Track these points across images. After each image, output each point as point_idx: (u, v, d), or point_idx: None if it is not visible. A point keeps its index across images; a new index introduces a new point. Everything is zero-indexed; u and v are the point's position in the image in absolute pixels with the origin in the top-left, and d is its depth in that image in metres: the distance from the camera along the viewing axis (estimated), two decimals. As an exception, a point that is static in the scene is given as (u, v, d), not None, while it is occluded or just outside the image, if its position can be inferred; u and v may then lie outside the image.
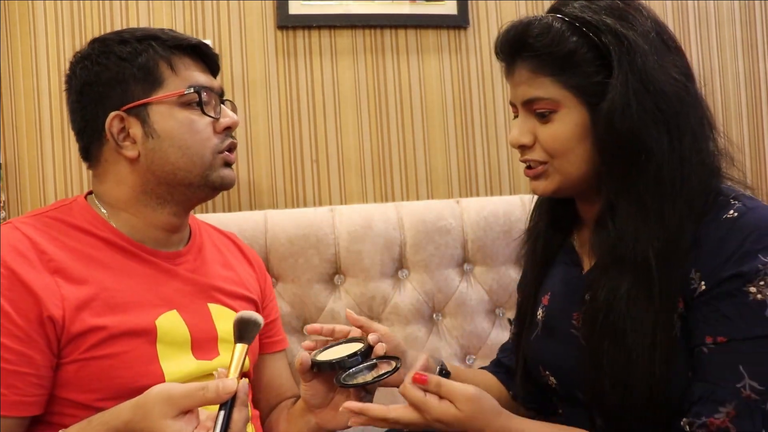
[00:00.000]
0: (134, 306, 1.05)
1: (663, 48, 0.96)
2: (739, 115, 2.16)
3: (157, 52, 1.10)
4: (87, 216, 1.10)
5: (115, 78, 1.08)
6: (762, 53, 2.18)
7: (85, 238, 1.07)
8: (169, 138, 1.09)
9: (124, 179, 1.11)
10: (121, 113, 1.08)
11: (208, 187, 1.13)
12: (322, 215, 1.64)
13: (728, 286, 0.89)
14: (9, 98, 1.65)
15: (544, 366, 1.10)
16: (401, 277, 1.66)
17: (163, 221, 1.13)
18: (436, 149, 1.86)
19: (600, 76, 0.94)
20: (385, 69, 1.83)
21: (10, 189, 1.66)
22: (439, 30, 1.86)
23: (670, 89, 0.93)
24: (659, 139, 0.93)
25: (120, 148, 1.09)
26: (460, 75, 1.88)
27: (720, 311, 0.90)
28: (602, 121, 0.93)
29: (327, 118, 1.80)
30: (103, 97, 1.09)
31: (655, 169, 0.93)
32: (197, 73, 1.13)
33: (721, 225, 0.92)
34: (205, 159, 1.11)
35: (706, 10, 2.12)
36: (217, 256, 1.25)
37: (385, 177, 1.83)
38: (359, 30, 1.82)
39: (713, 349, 0.90)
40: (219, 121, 1.13)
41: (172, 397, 0.82)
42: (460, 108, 1.88)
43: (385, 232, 1.64)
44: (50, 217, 1.08)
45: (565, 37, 0.95)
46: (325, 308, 1.61)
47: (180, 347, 1.08)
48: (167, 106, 1.09)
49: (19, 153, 1.66)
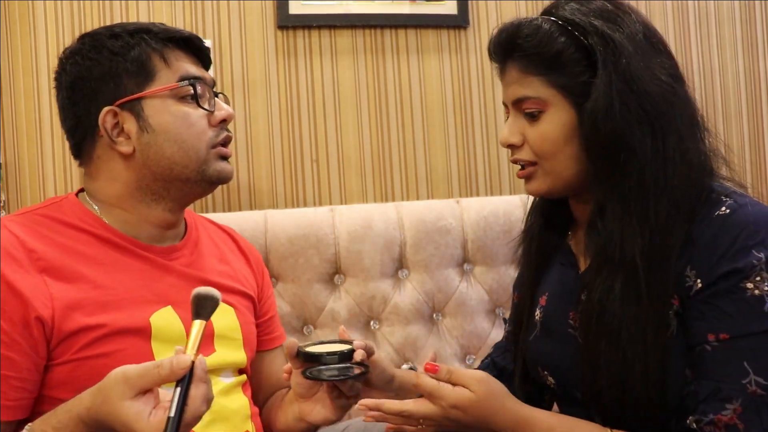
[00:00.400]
0: (128, 303, 1.03)
1: (650, 50, 0.97)
2: (739, 115, 2.16)
3: (149, 45, 1.08)
4: (78, 212, 1.08)
5: (107, 73, 1.06)
6: (762, 52, 2.18)
7: (76, 234, 1.05)
8: (164, 132, 1.07)
9: (118, 176, 1.09)
10: (115, 108, 1.06)
11: (205, 182, 1.11)
12: (322, 215, 1.64)
13: (725, 283, 0.90)
14: (9, 98, 1.65)
15: (542, 366, 1.11)
16: (401, 277, 1.66)
17: (158, 217, 1.11)
18: (436, 149, 1.86)
19: (586, 76, 0.95)
20: (385, 69, 1.83)
21: (10, 189, 1.66)
22: (439, 30, 1.86)
23: (656, 90, 0.94)
24: (642, 139, 0.93)
25: (114, 144, 1.07)
26: (460, 75, 1.88)
27: (720, 308, 0.90)
28: (587, 121, 0.95)
29: (327, 117, 1.80)
30: (96, 93, 1.07)
31: (638, 169, 0.94)
32: (190, 66, 1.11)
33: (713, 222, 0.92)
34: (201, 153, 1.09)
35: (706, 9, 2.12)
36: (213, 250, 1.23)
37: (385, 177, 1.83)
38: (359, 30, 1.82)
39: (716, 346, 0.90)
40: (214, 113, 1.11)
41: (129, 378, 0.81)
42: (460, 108, 1.88)
43: (385, 232, 1.64)
44: (40, 215, 1.06)
45: (554, 38, 0.96)
46: (325, 308, 1.61)
47: (175, 344, 1.04)
48: (161, 99, 1.07)
49: (19, 153, 1.66)
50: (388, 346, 1.62)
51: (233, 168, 1.13)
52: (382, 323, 1.63)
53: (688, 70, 2.12)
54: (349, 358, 1.03)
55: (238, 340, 1.17)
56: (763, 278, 0.89)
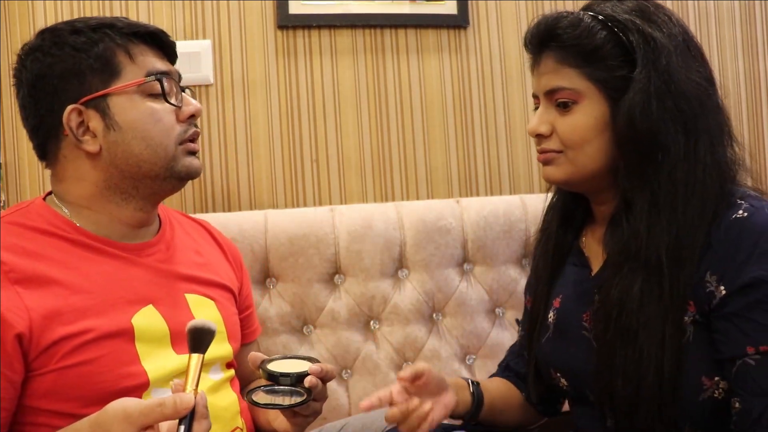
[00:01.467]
0: (108, 306, 1.00)
1: (688, 54, 0.99)
2: (739, 115, 2.16)
3: (113, 41, 1.04)
4: (47, 216, 1.04)
5: (70, 70, 1.02)
6: (762, 53, 2.18)
7: (46, 239, 1.01)
8: (131, 129, 1.04)
9: (85, 175, 1.05)
10: (79, 106, 1.02)
11: (174, 178, 1.08)
12: (322, 215, 1.64)
13: (756, 294, 0.89)
14: (9, 98, 1.65)
15: (555, 368, 1.11)
16: (401, 276, 1.66)
17: (129, 216, 1.08)
18: (436, 149, 1.86)
19: (624, 71, 0.96)
20: (385, 69, 1.83)
21: (10, 189, 1.66)
22: (439, 30, 1.86)
23: (692, 91, 0.96)
24: (676, 138, 0.94)
25: (80, 143, 1.03)
26: (460, 75, 1.88)
27: (755, 321, 0.89)
28: (623, 116, 0.95)
29: (327, 118, 1.80)
30: (58, 91, 1.03)
31: (670, 167, 0.94)
32: (156, 60, 1.07)
33: (732, 226, 0.92)
34: (169, 150, 1.06)
35: (706, 9, 2.12)
36: (189, 243, 1.20)
37: (385, 177, 1.83)
38: (359, 30, 1.82)
39: (758, 359, 0.89)
40: (182, 109, 1.08)
41: (130, 416, 0.80)
42: (460, 108, 1.88)
43: (385, 231, 1.64)
44: (7, 222, 1.02)
45: (594, 32, 0.97)
46: (325, 308, 1.61)
47: (159, 343, 1.04)
48: (128, 96, 1.04)
49: (19, 153, 1.66)
50: (388, 345, 1.62)
51: (201, 163, 1.10)
52: (382, 323, 1.63)
53: (688, 70, 2.12)
54: (302, 379, 1.03)
55: (222, 333, 1.16)
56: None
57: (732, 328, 0.91)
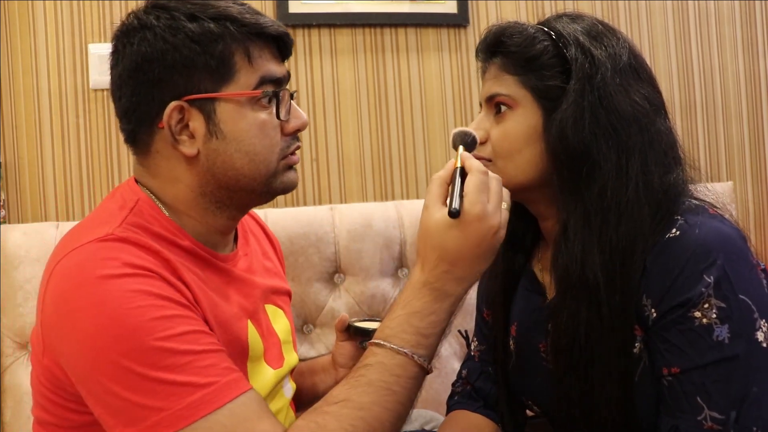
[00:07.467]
0: (226, 325, 0.92)
1: (632, 75, 0.97)
2: (739, 114, 2.16)
3: (234, 38, 0.92)
4: (161, 221, 0.94)
5: (182, 62, 0.90)
6: (762, 52, 2.18)
7: (173, 248, 0.91)
8: (235, 141, 0.93)
9: (180, 177, 0.95)
10: (183, 103, 0.91)
11: (270, 194, 0.99)
12: (322, 214, 1.64)
13: (674, 314, 0.88)
14: (9, 98, 1.65)
15: (525, 396, 1.11)
16: (401, 275, 1.66)
17: (222, 225, 0.99)
18: (436, 148, 1.86)
19: (558, 81, 0.96)
20: (385, 68, 1.84)
21: (10, 189, 1.66)
22: (439, 29, 1.86)
23: (628, 111, 0.94)
24: (608, 155, 0.93)
25: (176, 142, 0.92)
26: (460, 73, 1.88)
27: (670, 341, 0.88)
28: (555, 127, 0.94)
29: (327, 117, 1.80)
30: (163, 81, 0.91)
31: (600, 184, 0.93)
32: (272, 64, 0.96)
33: (664, 246, 0.90)
34: (271, 166, 0.96)
35: (707, 9, 2.12)
36: (255, 245, 1.12)
37: (385, 176, 1.83)
38: (359, 29, 1.82)
39: (671, 381, 0.88)
40: (289, 122, 0.98)
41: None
42: (460, 106, 1.88)
43: (385, 230, 1.64)
44: (131, 224, 0.91)
45: (536, 42, 0.97)
46: (325, 307, 1.61)
47: (258, 360, 0.98)
48: (237, 104, 0.93)
49: (19, 153, 1.66)
50: (388, 345, 1.62)
51: (298, 175, 1.02)
52: (382, 322, 1.63)
53: (688, 70, 2.13)
54: None
55: (290, 342, 1.11)
56: (710, 305, 0.86)
57: (654, 349, 0.90)
